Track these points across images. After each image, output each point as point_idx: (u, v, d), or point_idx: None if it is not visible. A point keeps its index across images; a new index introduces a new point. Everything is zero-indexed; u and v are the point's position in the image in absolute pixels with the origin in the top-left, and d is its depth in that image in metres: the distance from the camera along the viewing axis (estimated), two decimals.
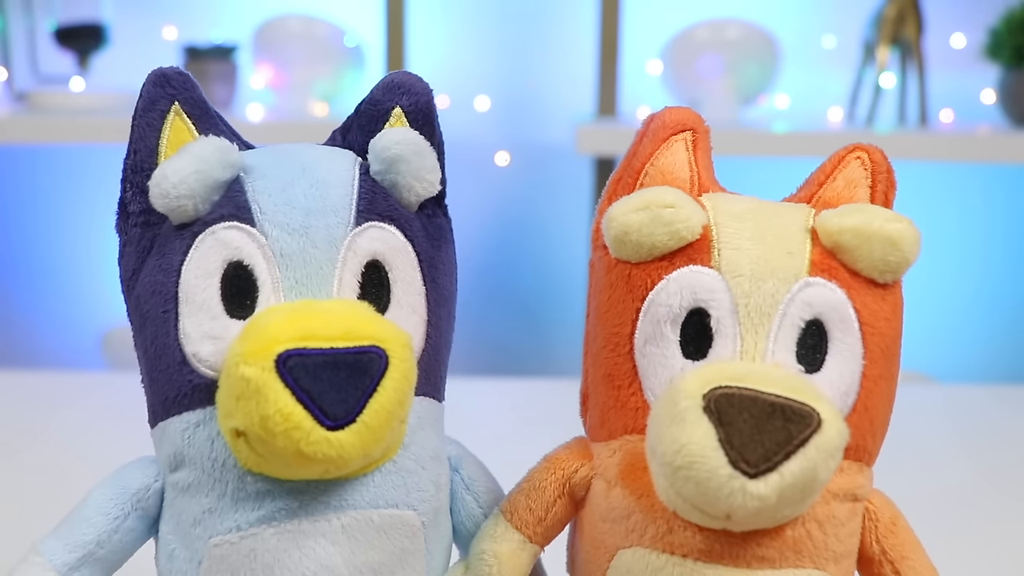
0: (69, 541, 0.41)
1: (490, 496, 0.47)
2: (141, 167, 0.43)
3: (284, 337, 0.37)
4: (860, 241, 0.41)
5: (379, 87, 0.46)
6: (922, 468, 0.44)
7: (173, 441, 0.41)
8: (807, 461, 0.36)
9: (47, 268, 1.66)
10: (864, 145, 0.45)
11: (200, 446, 0.40)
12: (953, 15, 1.50)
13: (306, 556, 0.40)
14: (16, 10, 1.55)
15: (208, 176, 0.41)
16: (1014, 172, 1.58)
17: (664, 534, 0.40)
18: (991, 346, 1.63)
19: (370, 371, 0.38)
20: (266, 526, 0.40)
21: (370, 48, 1.49)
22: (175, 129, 0.43)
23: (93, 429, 0.94)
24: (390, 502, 0.41)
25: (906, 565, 0.43)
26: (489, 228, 1.63)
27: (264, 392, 0.36)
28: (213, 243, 0.41)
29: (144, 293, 0.42)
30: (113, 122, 1.31)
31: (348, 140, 0.46)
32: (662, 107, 0.46)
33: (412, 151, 0.43)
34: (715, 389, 0.37)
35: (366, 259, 0.42)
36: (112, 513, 0.41)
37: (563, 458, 0.45)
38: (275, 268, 0.40)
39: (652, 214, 0.41)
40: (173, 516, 0.42)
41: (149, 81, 0.43)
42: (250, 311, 0.40)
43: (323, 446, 0.37)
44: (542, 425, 0.99)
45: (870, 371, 0.41)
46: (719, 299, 0.41)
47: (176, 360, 0.40)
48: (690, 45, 1.39)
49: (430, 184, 0.44)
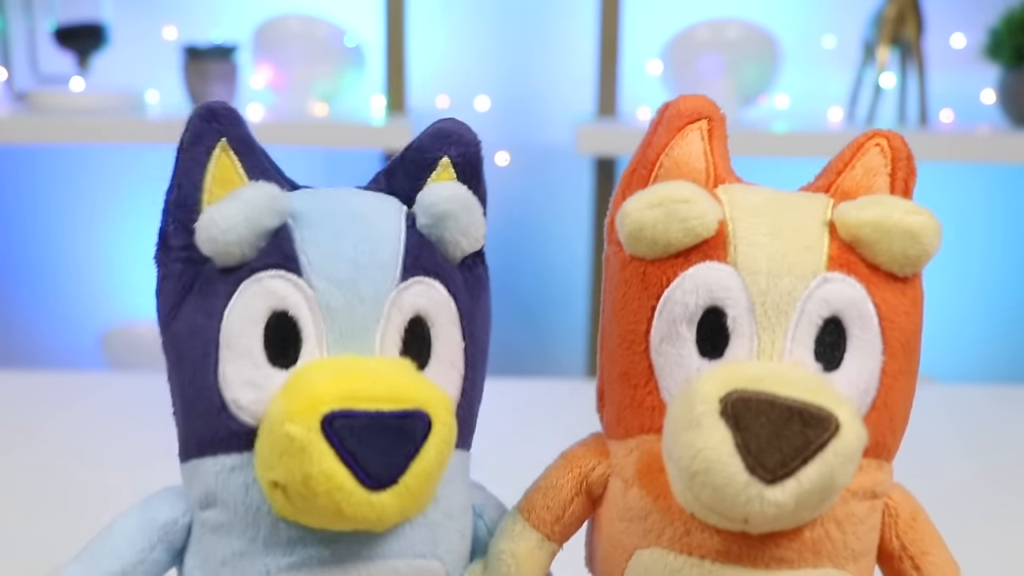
0: (94, 570, 0.41)
1: None
2: (185, 203, 0.42)
3: (330, 397, 0.37)
4: (880, 235, 0.40)
5: (428, 134, 0.45)
6: (922, 468, 0.44)
7: (205, 481, 0.41)
8: (825, 466, 0.35)
9: (47, 268, 1.66)
10: (883, 131, 0.44)
11: (234, 490, 0.40)
12: (953, 15, 1.50)
13: None
14: (16, 10, 1.55)
15: (257, 224, 0.40)
16: (1014, 172, 1.58)
17: (682, 535, 0.40)
18: (991, 346, 1.63)
19: (414, 436, 0.38)
20: (296, 572, 0.40)
21: (370, 48, 1.49)
22: (221, 166, 0.42)
23: (93, 429, 0.94)
24: (418, 553, 0.42)
25: (927, 560, 0.42)
26: (489, 228, 1.62)
27: (309, 452, 0.36)
28: (258, 291, 0.40)
29: (183, 332, 0.41)
30: (113, 122, 1.31)
31: (392, 185, 0.45)
32: (679, 96, 0.45)
33: (461, 207, 0.43)
34: (732, 393, 0.36)
35: (410, 315, 0.42)
36: (139, 545, 0.41)
37: (580, 456, 0.45)
38: (320, 321, 0.40)
39: (667, 210, 0.40)
40: (200, 552, 0.41)
41: (196, 115, 0.42)
42: (292, 361, 0.40)
43: (364, 508, 0.37)
44: (542, 425, 0.99)
45: (890, 367, 0.41)
46: (735, 297, 0.40)
47: (214, 404, 0.40)
48: (690, 45, 1.39)
49: (476, 240, 0.44)
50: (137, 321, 1.59)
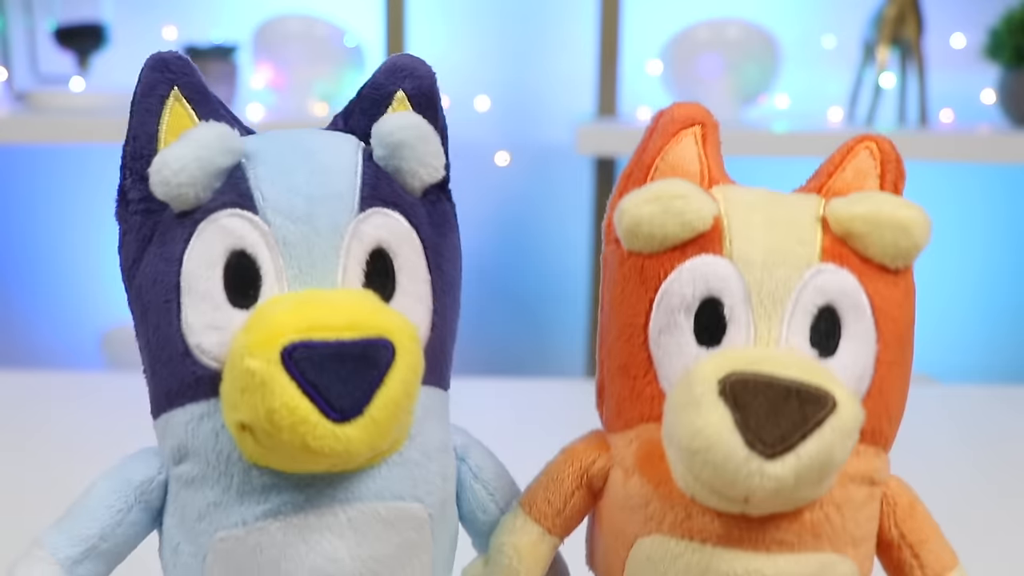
0: (72, 534, 0.41)
1: (499, 483, 0.46)
2: (140, 154, 0.42)
3: (289, 328, 0.36)
4: (871, 228, 0.41)
5: (382, 70, 0.45)
6: (922, 468, 0.44)
7: (176, 433, 0.41)
8: (823, 442, 0.36)
9: (47, 268, 1.66)
10: (873, 135, 0.45)
11: (204, 439, 0.40)
12: (953, 15, 1.50)
13: (312, 550, 0.40)
14: (16, 10, 1.55)
15: (209, 162, 0.40)
16: (1014, 172, 1.58)
17: (683, 520, 0.40)
18: (991, 346, 1.63)
19: (377, 363, 0.37)
20: (272, 520, 0.39)
21: (370, 48, 1.49)
22: (174, 114, 0.42)
23: (93, 429, 0.94)
24: (396, 494, 0.41)
25: (925, 549, 0.43)
26: (489, 228, 1.63)
27: (270, 385, 0.36)
28: (215, 231, 0.40)
29: (145, 283, 0.41)
30: (113, 122, 1.31)
31: (350, 124, 0.45)
32: (670, 103, 0.46)
33: (416, 136, 0.42)
34: (730, 374, 0.37)
35: (371, 247, 0.41)
36: (116, 506, 0.41)
37: (581, 450, 0.45)
38: (278, 257, 0.40)
39: (663, 205, 0.41)
40: (178, 509, 0.41)
41: (147, 66, 0.43)
42: (253, 301, 0.40)
43: (330, 440, 0.36)
44: (541, 425, 0.99)
45: (884, 356, 0.42)
46: (732, 287, 0.41)
47: (179, 351, 0.40)
48: (690, 45, 1.39)
49: (435, 169, 0.43)
50: None
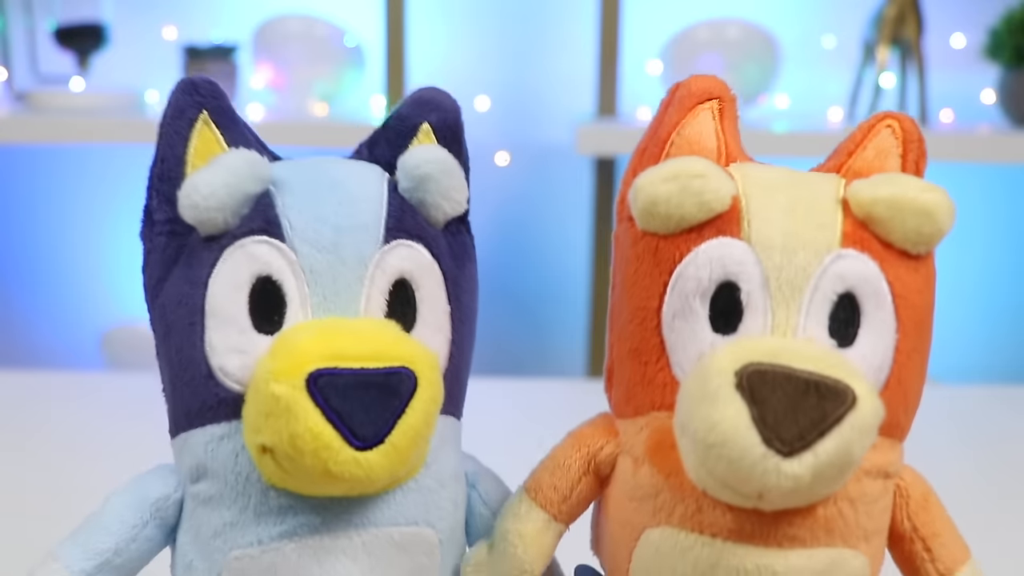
0: (87, 548, 0.41)
1: None
2: (168, 176, 0.42)
3: (315, 356, 0.37)
4: (893, 212, 0.40)
5: (408, 102, 0.45)
6: (922, 468, 0.44)
7: (195, 453, 0.41)
8: (842, 439, 0.35)
9: (47, 268, 1.66)
10: (895, 113, 0.44)
11: (224, 459, 0.40)
12: (953, 15, 1.50)
13: (326, 572, 0.40)
14: (16, 10, 1.55)
15: (238, 189, 0.40)
16: (1014, 172, 1.58)
17: (693, 513, 0.39)
18: (991, 346, 1.63)
19: (399, 392, 0.38)
20: (287, 541, 0.40)
21: (370, 48, 1.49)
22: (203, 138, 0.42)
23: (93, 429, 0.94)
24: (410, 520, 0.41)
25: (938, 542, 0.42)
26: (489, 228, 1.63)
27: (294, 410, 0.36)
28: (242, 257, 0.40)
29: (169, 303, 0.41)
30: (113, 122, 1.31)
31: (375, 154, 0.45)
32: (690, 76, 0.45)
33: (441, 170, 0.43)
34: (748, 366, 0.36)
35: (394, 277, 0.42)
36: (131, 521, 0.41)
37: (588, 435, 0.44)
38: (304, 285, 0.40)
39: (681, 184, 0.40)
40: (193, 527, 0.41)
41: (178, 89, 0.43)
42: (278, 326, 0.40)
43: (351, 466, 0.37)
44: (541, 425, 0.99)
45: (903, 345, 0.40)
46: (749, 272, 0.39)
47: (201, 373, 0.40)
48: (690, 45, 1.39)
49: (458, 204, 0.44)
50: (137, 321, 1.59)
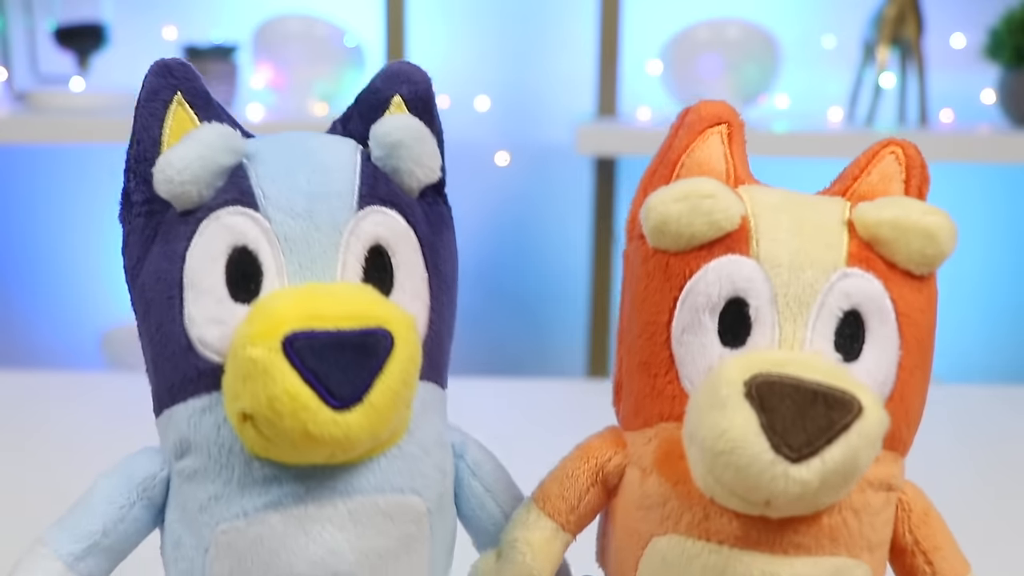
0: (75, 531, 0.41)
1: (497, 479, 0.47)
2: (144, 156, 0.43)
3: (291, 318, 0.37)
4: (898, 234, 0.41)
5: (379, 76, 0.46)
6: (922, 468, 0.44)
7: (179, 428, 0.41)
8: (848, 447, 0.36)
9: (47, 268, 1.66)
10: (898, 140, 0.45)
11: (206, 432, 0.40)
12: (953, 15, 1.50)
13: (313, 541, 0.40)
14: (16, 10, 1.55)
15: (212, 161, 0.41)
16: (1014, 172, 1.58)
17: (700, 521, 0.40)
18: (991, 346, 1.63)
19: (376, 352, 0.38)
20: (273, 512, 0.40)
21: (370, 48, 1.49)
22: (177, 119, 0.43)
23: (93, 429, 0.94)
24: (395, 488, 0.41)
25: (939, 556, 0.43)
26: (489, 228, 1.63)
27: (271, 373, 0.36)
28: (217, 228, 0.41)
29: (148, 280, 0.42)
30: (113, 122, 1.31)
31: (349, 129, 0.46)
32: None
33: (413, 136, 0.43)
34: (756, 376, 0.37)
35: (369, 243, 0.42)
36: (118, 502, 0.41)
37: (596, 447, 0.45)
38: (279, 253, 0.41)
39: (691, 204, 0.41)
40: (179, 504, 0.42)
41: (151, 72, 0.43)
42: (255, 295, 0.40)
43: (330, 426, 0.37)
44: (541, 425, 0.99)
45: (906, 361, 0.42)
46: (758, 288, 0.41)
47: (181, 345, 0.40)
48: (690, 45, 1.39)
49: (431, 170, 0.44)
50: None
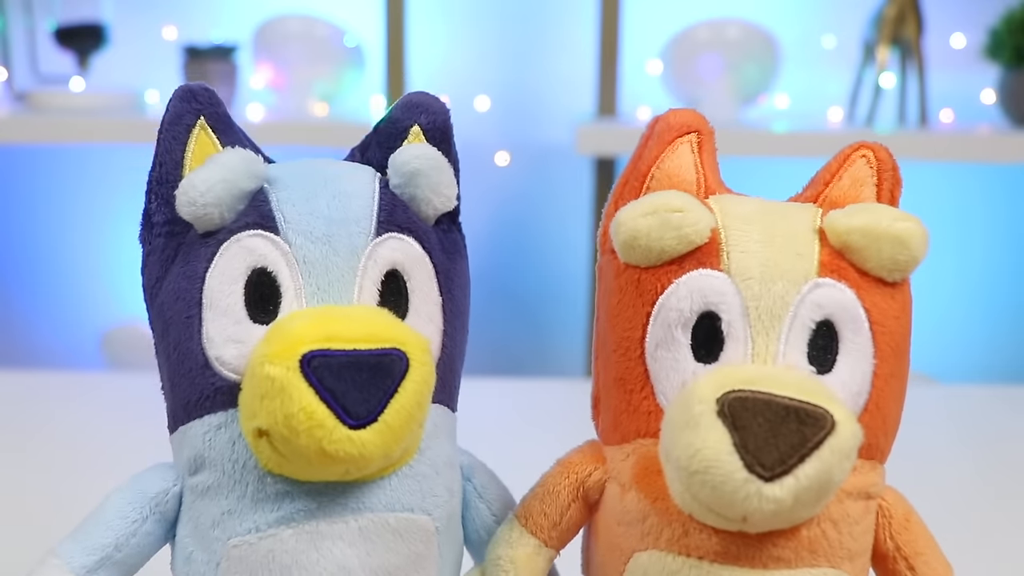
0: (87, 544, 0.42)
1: (502, 504, 0.47)
2: (166, 179, 0.44)
3: (308, 339, 0.38)
4: (868, 241, 0.41)
5: (398, 106, 0.47)
6: (922, 468, 0.44)
7: (194, 444, 0.42)
8: (822, 463, 0.36)
9: (47, 268, 1.66)
10: (869, 143, 0.45)
11: (221, 448, 0.41)
12: (953, 15, 1.50)
13: (323, 557, 0.41)
14: (16, 10, 1.55)
15: (234, 185, 0.42)
16: (1014, 172, 1.58)
17: (680, 536, 0.40)
18: (991, 346, 1.63)
19: (391, 372, 0.38)
20: (284, 527, 0.40)
21: (370, 48, 1.49)
22: (200, 143, 0.44)
23: (93, 429, 0.94)
24: (406, 506, 0.42)
25: (920, 561, 0.43)
26: (489, 228, 1.63)
27: (288, 391, 0.37)
28: (238, 250, 0.42)
29: (168, 299, 0.43)
30: (113, 122, 1.31)
31: (367, 157, 0.47)
32: (666, 108, 0.46)
33: (431, 166, 0.44)
34: (728, 393, 0.37)
35: (386, 268, 0.43)
36: (130, 516, 0.42)
37: (576, 462, 0.45)
38: (298, 275, 0.41)
39: (661, 218, 0.41)
40: (192, 519, 0.42)
41: (176, 96, 0.44)
42: (273, 316, 0.41)
43: (345, 444, 0.38)
44: (540, 425, 0.99)
45: (881, 370, 0.41)
46: (729, 302, 0.41)
47: (199, 364, 0.41)
48: (690, 45, 1.39)
49: (447, 199, 0.45)
50: (137, 321, 1.59)
